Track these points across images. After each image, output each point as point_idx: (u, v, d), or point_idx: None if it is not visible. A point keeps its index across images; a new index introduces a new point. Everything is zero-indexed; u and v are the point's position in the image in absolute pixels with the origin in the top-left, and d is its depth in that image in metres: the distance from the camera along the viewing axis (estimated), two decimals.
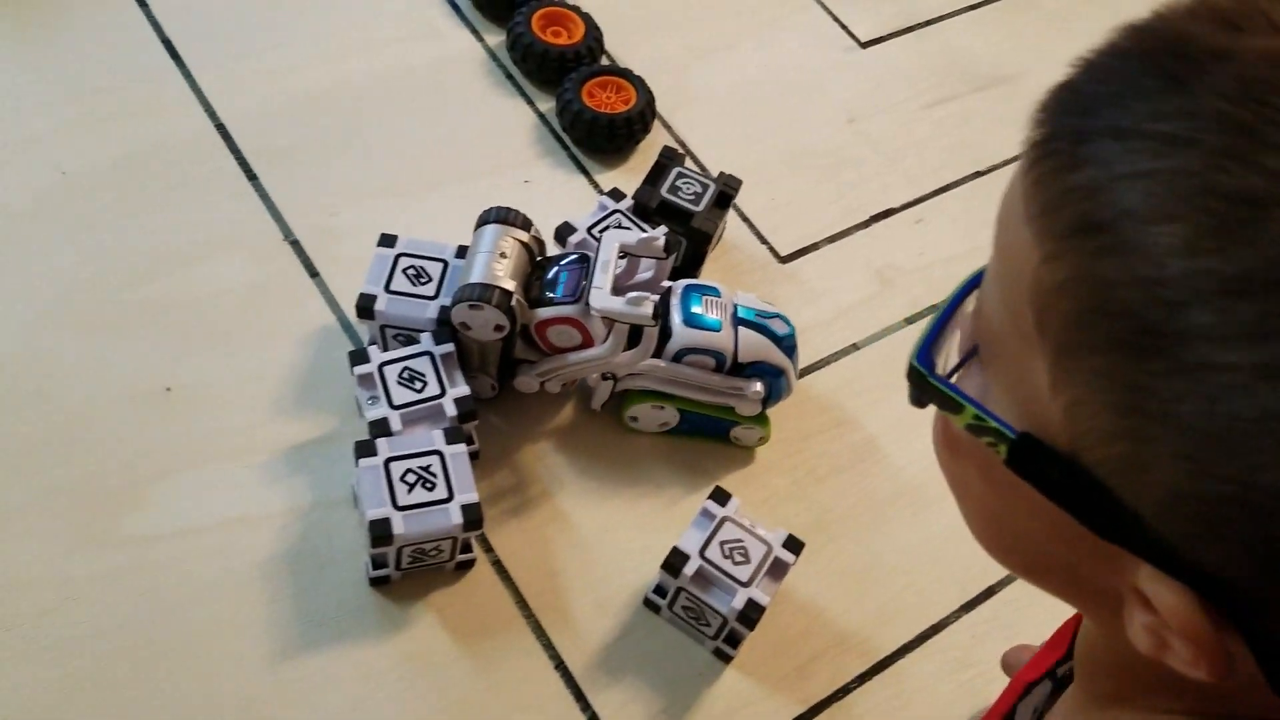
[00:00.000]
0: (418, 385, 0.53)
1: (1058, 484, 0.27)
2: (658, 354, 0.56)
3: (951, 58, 0.82)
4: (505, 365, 0.57)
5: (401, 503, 0.49)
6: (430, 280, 0.56)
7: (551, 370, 0.56)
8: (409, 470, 0.50)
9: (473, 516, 0.50)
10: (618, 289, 0.55)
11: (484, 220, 0.57)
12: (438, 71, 0.72)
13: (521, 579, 0.54)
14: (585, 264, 0.56)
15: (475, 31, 0.74)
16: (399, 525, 0.49)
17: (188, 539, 0.51)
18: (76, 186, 0.61)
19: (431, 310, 0.55)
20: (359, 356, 0.53)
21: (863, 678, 0.54)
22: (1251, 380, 0.23)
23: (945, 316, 0.32)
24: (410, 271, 0.56)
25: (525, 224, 0.57)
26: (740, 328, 0.57)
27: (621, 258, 0.56)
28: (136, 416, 0.54)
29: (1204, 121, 0.25)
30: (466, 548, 0.52)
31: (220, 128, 0.65)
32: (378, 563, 0.50)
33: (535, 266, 0.57)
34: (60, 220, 0.60)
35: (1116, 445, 0.25)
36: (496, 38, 0.74)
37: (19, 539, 0.50)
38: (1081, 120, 0.27)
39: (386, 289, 0.55)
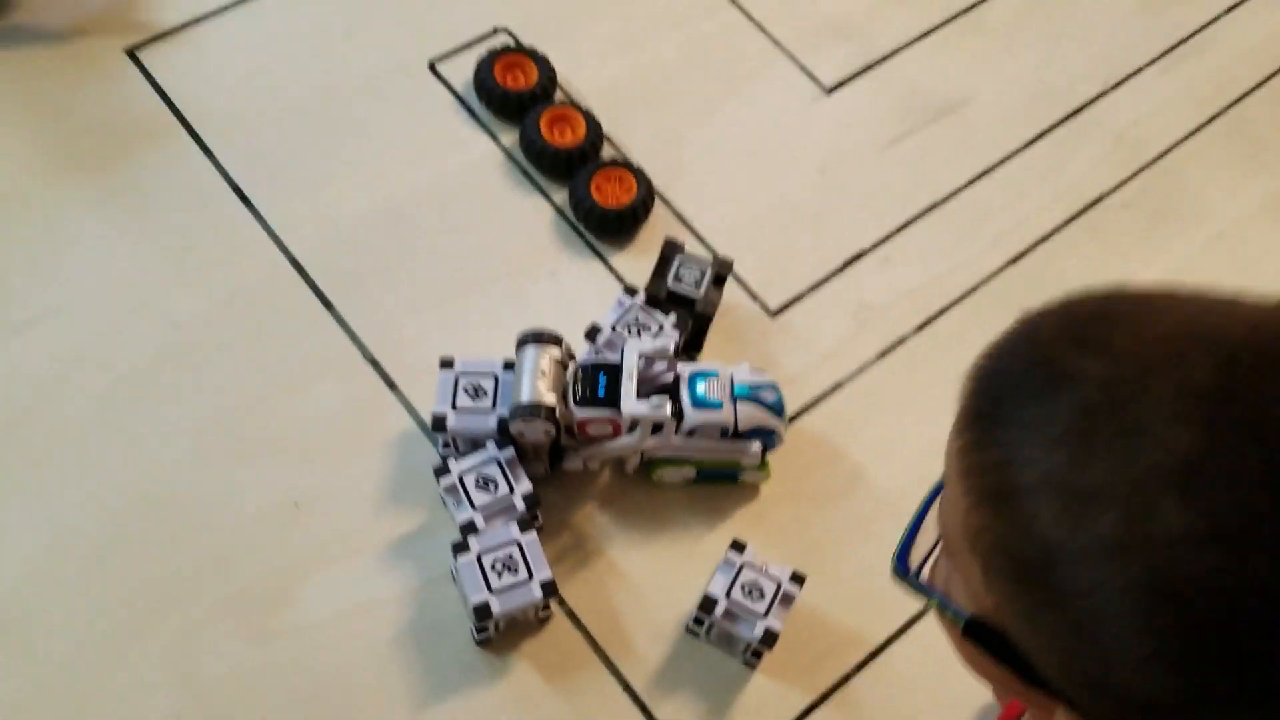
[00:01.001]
0: (491, 487, 0.66)
1: (998, 652, 0.38)
2: (675, 431, 0.69)
3: (908, 91, 0.91)
4: (554, 453, 0.70)
5: (495, 587, 0.63)
6: (486, 395, 0.68)
7: (592, 454, 0.69)
8: (496, 560, 0.64)
9: (549, 589, 0.64)
10: (643, 383, 0.67)
11: (524, 341, 0.68)
12: (465, 178, 0.82)
13: (590, 622, 0.68)
14: (612, 369, 0.68)
15: (491, 134, 0.84)
16: (496, 606, 0.63)
17: (333, 625, 0.65)
18: (188, 337, 0.73)
19: (491, 421, 0.68)
20: (442, 470, 0.66)
21: (860, 666, 0.68)
22: (1099, 618, 0.34)
23: (914, 529, 0.43)
24: (469, 389, 0.69)
25: (556, 340, 0.69)
26: (738, 402, 0.69)
27: (641, 360, 0.68)
28: (276, 531, 0.68)
29: (1063, 427, 0.35)
30: (546, 607, 0.66)
31: (294, 262, 0.77)
32: (481, 630, 0.64)
33: (578, 369, 0.68)
34: (182, 369, 0.72)
35: (1025, 637, 0.37)
36: (511, 136, 0.84)
37: (210, 643, 0.64)
38: (991, 407, 0.37)
39: (453, 407, 0.68)
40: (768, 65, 0.90)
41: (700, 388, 0.69)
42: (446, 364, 0.69)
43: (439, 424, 0.67)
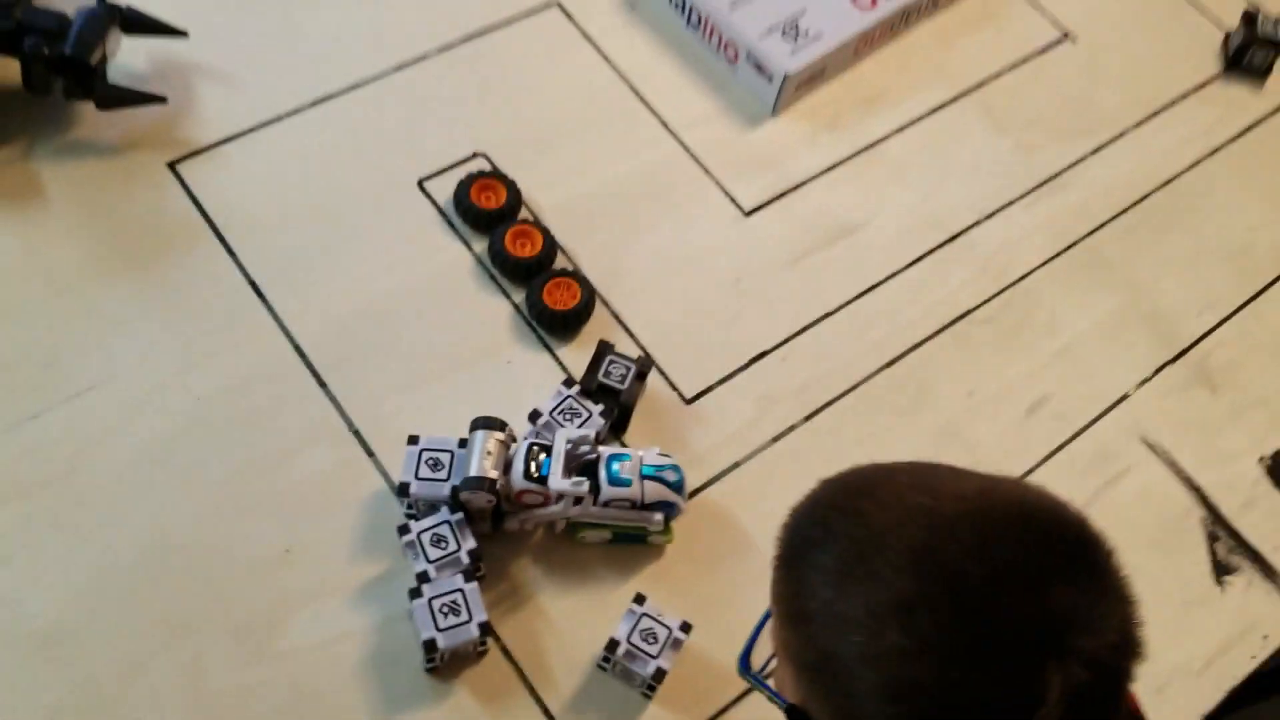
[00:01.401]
0: (443, 545, 0.78)
1: None
2: (593, 502, 0.81)
3: (814, 216, 1.04)
4: (496, 515, 0.82)
5: (441, 626, 0.75)
6: (443, 467, 0.80)
7: (526, 518, 0.81)
8: (443, 604, 0.76)
9: (485, 629, 0.76)
10: (568, 463, 0.79)
11: (475, 425, 0.81)
12: (441, 279, 0.94)
13: (519, 656, 0.80)
14: (544, 449, 0.80)
15: (465, 241, 0.97)
16: (441, 641, 0.75)
17: (316, 650, 0.77)
18: (206, 408, 0.85)
19: (445, 490, 0.80)
20: (404, 530, 0.79)
21: (737, 699, 0.81)
22: (862, 708, 0.46)
23: (753, 639, 0.56)
24: (430, 462, 0.81)
25: (502, 426, 0.81)
26: (645, 481, 0.81)
27: (568, 445, 0.80)
28: (271, 571, 0.80)
29: (830, 570, 0.47)
30: (483, 643, 0.78)
31: (296, 347, 0.89)
32: (430, 660, 0.76)
33: (530, 446, 0.80)
34: (200, 434, 0.84)
35: None
36: (481, 245, 0.96)
37: (216, 662, 0.76)
38: (790, 553, 0.50)
39: (416, 476, 0.80)
40: (699, 191, 1.03)
41: (615, 467, 0.81)
42: (413, 440, 0.82)
43: (403, 490, 0.80)
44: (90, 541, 0.79)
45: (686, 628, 0.79)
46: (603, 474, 0.81)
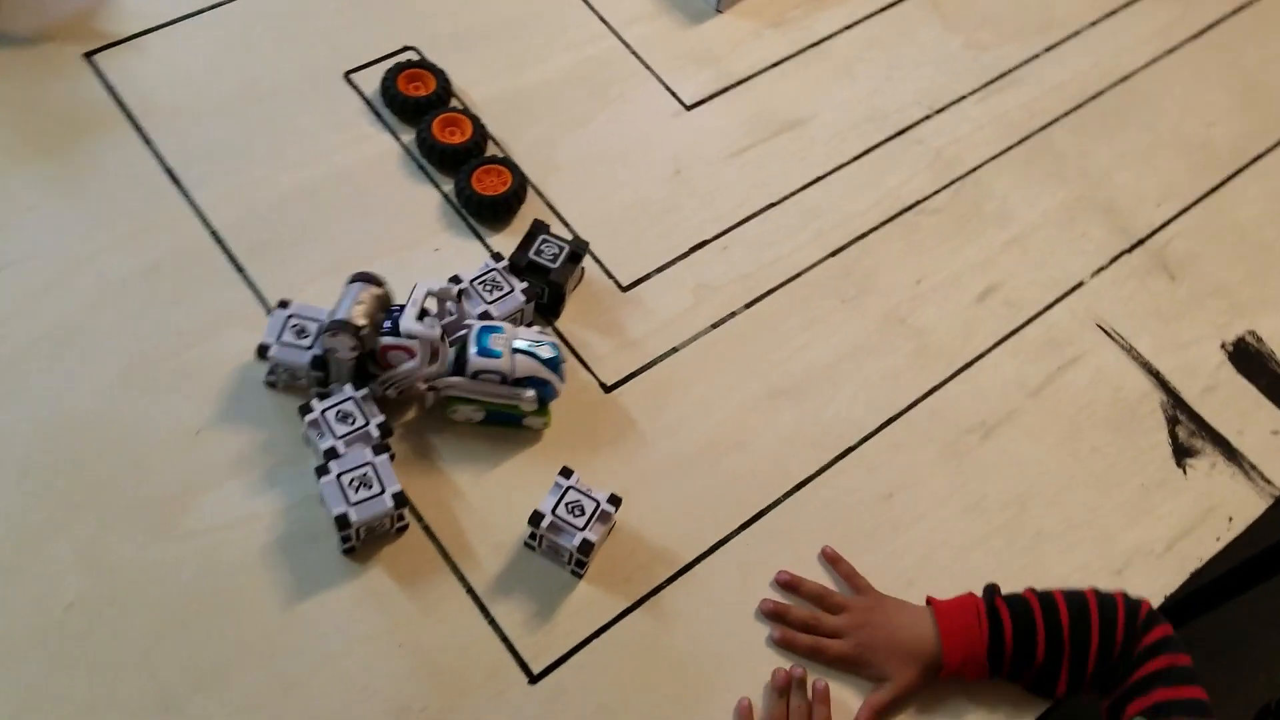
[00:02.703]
0: (350, 420, 0.75)
1: None
2: (461, 373, 0.77)
3: (757, 110, 1.01)
4: (361, 378, 0.77)
5: (353, 500, 0.72)
6: (308, 335, 0.77)
7: (388, 379, 0.77)
8: (353, 478, 0.72)
9: (400, 499, 0.72)
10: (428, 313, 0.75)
11: (353, 279, 0.77)
12: (368, 168, 0.92)
13: (441, 535, 0.76)
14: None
15: (393, 132, 0.94)
16: (354, 515, 0.71)
17: (225, 530, 0.74)
18: (120, 289, 0.82)
19: (305, 357, 0.76)
20: (305, 409, 0.75)
21: (669, 580, 0.77)
22: None
23: None
24: (295, 327, 0.77)
25: (379, 282, 0.77)
26: (517, 355, 0.77)
27: (428, 293, 0.75)
28: (180, 452, 0.76)
29: None
30: (401, 518, 0.75)
31: (213, 233, 0.86)
32: (345, 539, 0.73)
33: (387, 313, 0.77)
34: (113, 314, 0.81)
35: None
36: (409, 135, 0.94)
37: (118, 539, 0.73)
38: None
39: (278, 340, 0.77)
40: (639, 85, 1.00)
41: (487, 340, 0.77)
42: (283, 304, 0.78)
43: (262, 352, 0.76)
44: None
45: (615, 500, 0.75)
46: (474, 346, 0.77)
